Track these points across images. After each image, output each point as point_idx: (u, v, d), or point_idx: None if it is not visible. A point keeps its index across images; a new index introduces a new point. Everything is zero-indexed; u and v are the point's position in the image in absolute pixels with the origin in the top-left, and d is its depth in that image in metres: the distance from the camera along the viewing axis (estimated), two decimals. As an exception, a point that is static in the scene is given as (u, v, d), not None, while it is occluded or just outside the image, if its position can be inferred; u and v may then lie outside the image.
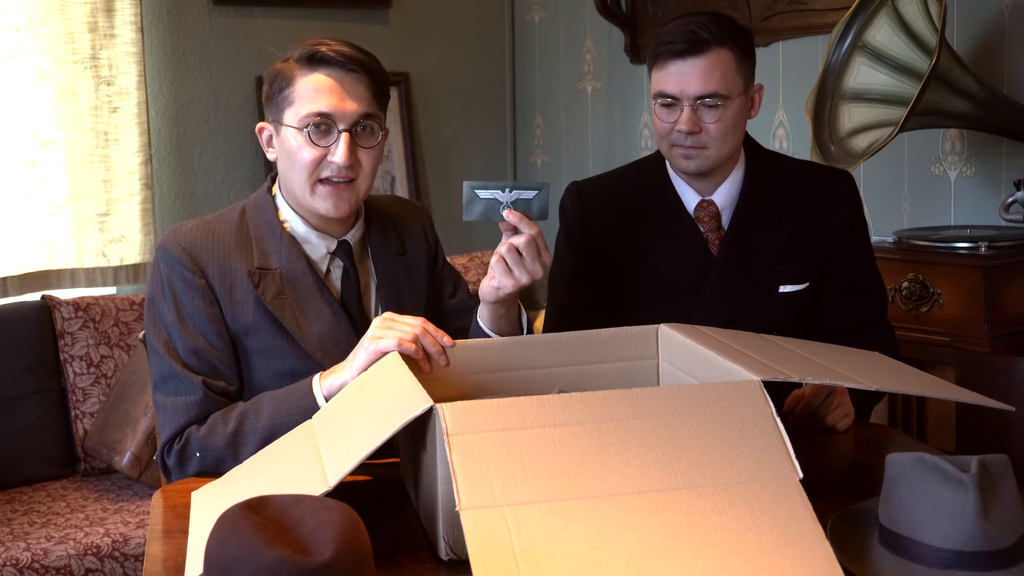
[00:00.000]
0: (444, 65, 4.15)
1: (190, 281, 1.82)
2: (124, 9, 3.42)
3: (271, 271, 1.85)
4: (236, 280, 1.84)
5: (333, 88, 1.81)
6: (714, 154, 2.06)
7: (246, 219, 1.90)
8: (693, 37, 2.00)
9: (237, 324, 1.83)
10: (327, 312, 1.85)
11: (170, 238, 1.87)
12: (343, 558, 1.09)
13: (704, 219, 2.14)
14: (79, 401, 3.23)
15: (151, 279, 1.88)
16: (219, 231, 1.88)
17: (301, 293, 1.85)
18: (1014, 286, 2.53)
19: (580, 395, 1.35)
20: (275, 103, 1.85)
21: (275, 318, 1.82)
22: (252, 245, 1.87)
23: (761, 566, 1.19)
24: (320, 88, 1.81)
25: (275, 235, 1.88)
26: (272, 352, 1.83)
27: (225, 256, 1.85)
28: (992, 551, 1.26)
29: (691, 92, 2.01)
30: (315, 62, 1.81)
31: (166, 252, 1.85)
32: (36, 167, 3.33)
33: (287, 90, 1.83)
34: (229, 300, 1.83)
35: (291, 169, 1.84)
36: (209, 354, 1.81)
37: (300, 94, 1.81)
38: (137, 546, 2.79)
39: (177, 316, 1.82)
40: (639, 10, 3.74)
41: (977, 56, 2.78)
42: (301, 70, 1.82)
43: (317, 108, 1.80)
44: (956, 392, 1.66)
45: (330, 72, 1.81)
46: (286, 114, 1.83)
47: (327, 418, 1.57)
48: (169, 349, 1.81)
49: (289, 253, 1.86)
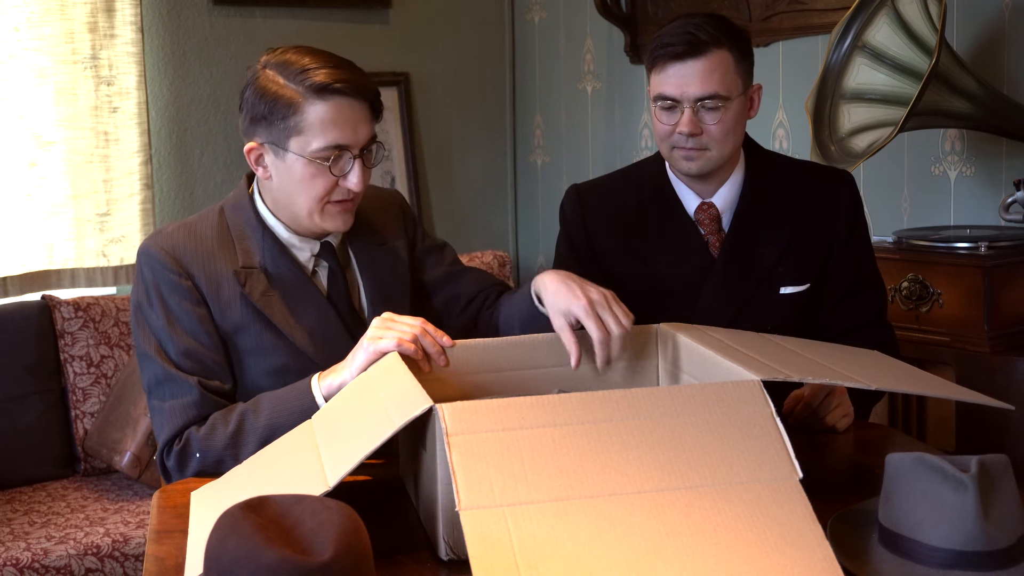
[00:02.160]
0: (444, 65, 4.14)
1: (176, 283, 1.82)
2: (124, 9, 3.42)
3: (256, 269, 1.85)
4: (222, 280, 1.83)
5: (346, 119, 1.78)
6: (715, 155, 2.06)
7: (226, 219, 1.89)
8: (692, 39, 2.00)
9: (227, 324, 1.83)
10: (315, 307, 1.86)
11: (152, 242, 1.86)
12: (343, 558, 1.09)
13: (704, 221, 2.14)
14: (79, 401, 3.23)
15: (136, 285, 1.87)
16: (201, 232, 1.87)
17: (288, 289, 1.85)
18: (1014, 286, 2.53)
19: (580, 395, 1.35)
20: (276, 128, 1.80)
21: (264, 316, 1.83)
22: (235, 245, 1.86)
23: (761, 566, 1.19)
24: (334, 120, 1.78)
25: (257, 234, 1.87)
26: (263, 350, 1.83)
27: (209, 257, 1.84)
28: (992, 551, 1.26)
29: (691, 94, 2.01)
30: (323, 92, 1.77)
31: (149, 256, 1.84)
32: (36, 167, 3.33)
33: (293, 119, 1.78)
34: (217, 300, 1.83)
35: (297, 195, 1.82)
36: (201, 354, 1.81)
37: (311, 124, 1.78)
38: (137, 546, 2.79)
39: (166, 319, 1.81)
40: (639, 10, 3.74)
41: (977, 56, 2.78)
42: (308, 99, 1.77)
43: (333, 141, 1.78)
44: (956, 392, 1.66)
45: (340, 102, 1.78)
46: (292, 142, 1.79)
47: (327, 418, 1.57)
48: (161, 353, 1.81)
49: (272, 251, 1.86)
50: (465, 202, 4.21)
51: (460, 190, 4.21)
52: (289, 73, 1.80)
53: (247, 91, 1.85)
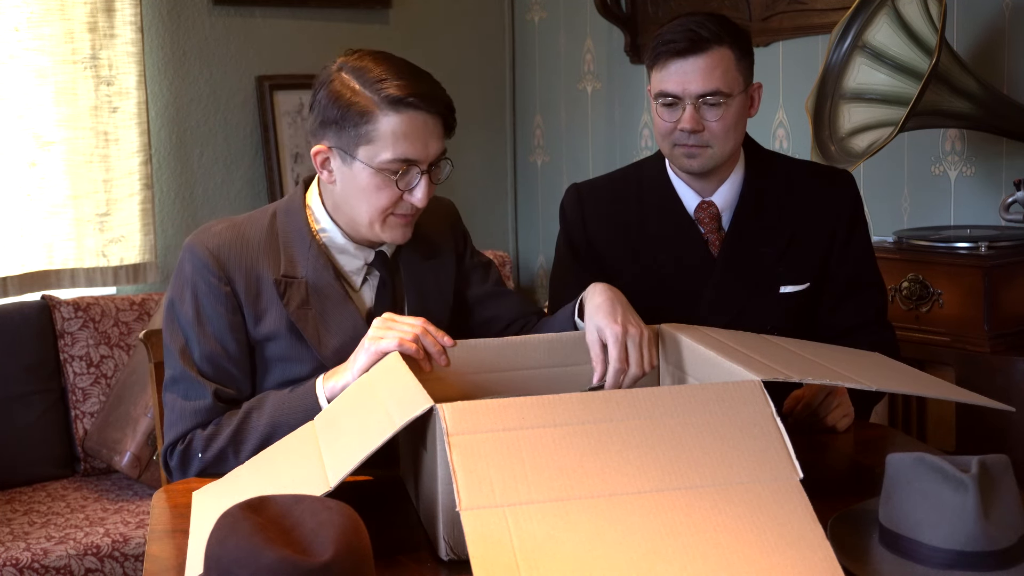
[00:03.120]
0: (444, 65, 4.12)
1: (214, 286, 1.80)
2: (124, 9, 3.41)
3: (297, 280, 1.83)
4: (262, 287, 1.82)
5: (419, 134, 1.77)
6: (717, 152, 2.06)
7: (276, 224, 1.87)
8: (693, 36, 2.00)
9: (260, 332, 1.82)
10: (349, 325, 1.83)
11: (198, 240, 1.84)
12: (343, 558, 1.09)
13: (704, 220, 2.14)
14: (79, 401, 3.23)
15: (175, 278, 1.85)
16: (248, 235, 1.85)
17: (326, 304, 1.83)
18: (1014, 286, 2.53)
19: (580, 395, 1.35)
20: (347, 134, 1.78)
21: (296, 328, 1.81)
22: (280, 252, 1.84)
23: (761, 566, 1.19)
24: (407, 134, 1.76)
25: (304, 243, 1.85)
26: (290, 359, 1.82)
27: (253, 263, 1.82)
28: (992, 551, 1.26)
29: (693, 91, 2.02)
30: (397, 104, 1.75)
31: (193, 253, 1.82)
32: (36, 167, 3.33)
33: (365, 127, 1.76)
34: (253, 308, 1.81)
35: (361, 203, 1.80)
36: (224, 361, 1.80)
37: (382, 135, 1.76)
38: (137, 546, 2.79)
39: (196, 319, 1.80)
40: (639, 10, 3.74)
41: (977, 56, 2.78)
42: (382, 110, 1.75)
43: (404, 155, 1.76)
44: (956, 392, 1.66)
45: (414, 116, 1.76)
46: (361, 150, 1.77)
47: (328, 419, 1.57)
48: (184, 354, 1.81)
49: (316, 263, 1.84)
50: (465, 202, 4.19)
51: (460, 190, 4.20)
52: (365, 80, 1.77)
53: (320, 92, 1.81)
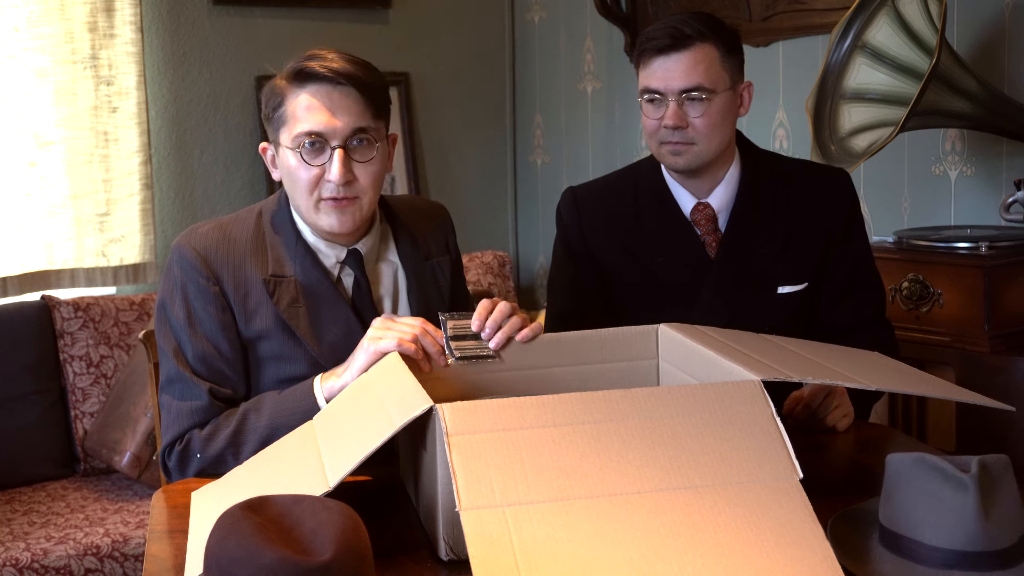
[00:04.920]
0: (444, 65, 4.14)
1: (203, 287, 1.81)
2: (124, 9, 3.41)
3: (286, 278, 1.83)
4: (251, 287, 1.82)
5: (322, 105, 1.77)
6: (702, 150, 2.06)
7: (262, 224, 1.88)
8: (676, 33, 2.02)
9: (250, 330, 1.82)
10: (341, 321, 1.83)
11: (185, 241, 1.84)
12: (343, 558, 1.09)
13: (701, 222, 2.14)
14: (79, 401, 3.23)
15: (164, 280, 1.86)
16: (235, 235, 1.85)
17: (316, 301, 1.83)
18: (1014, 286, 2.53)
19: (580, 395, 1.35)
20: (272, 122, 1.82)
21: (288, 326, 1.81)
22: (267, 251, 1.85)
23: (761, 566, 1.19)
24: (310, 106, 1.77)
25: (291, 242, 1.85)
26: (283, 358, 1.82)
27: (240, 262, 1.83)
28: (992, 551, 1.26)
29: (675, 86, 2.03)
30: (303, 78, 1.77)
31: (181, 255, 1.83)
32: (36, 167, 3.33)
33: (280, 109, 1.79)
34: (243, 307, 1.82)
35: (293, 189, 1.82)
36: (217, 361, 1.80)
37: (291, 113, 1.78)
38: (137, 546, 2.79)
39: (188, 321, 1.81)
40: (639, 10, 3.73)
41: (977, 56, 2.78)
42: (291, 88, 1.78)
43: (308, 127, 1.76)
44: (956, 392, 1.66)
45: (318, 88, 1.77)
46: (282, 134, 1.80)
47: (327, 419, 1.57)
48: (178, 355, 1.81)
49: (304, 261, 1.84)
50: (465, 202, 4.21)
51: (460, 190, 4.20)
52: (284, 67, 1.81)
53: None
